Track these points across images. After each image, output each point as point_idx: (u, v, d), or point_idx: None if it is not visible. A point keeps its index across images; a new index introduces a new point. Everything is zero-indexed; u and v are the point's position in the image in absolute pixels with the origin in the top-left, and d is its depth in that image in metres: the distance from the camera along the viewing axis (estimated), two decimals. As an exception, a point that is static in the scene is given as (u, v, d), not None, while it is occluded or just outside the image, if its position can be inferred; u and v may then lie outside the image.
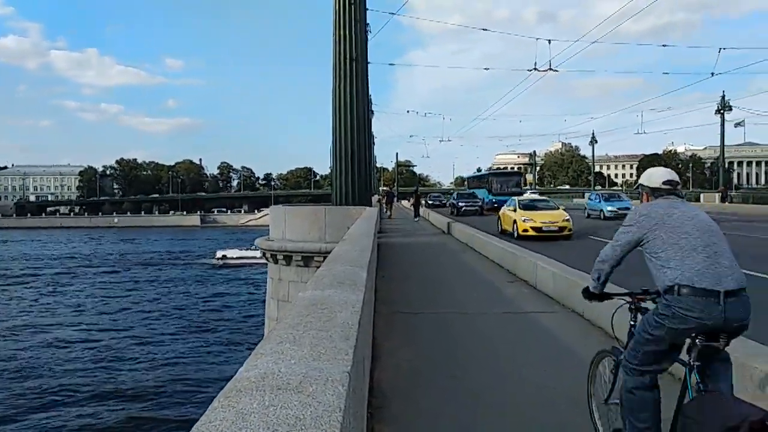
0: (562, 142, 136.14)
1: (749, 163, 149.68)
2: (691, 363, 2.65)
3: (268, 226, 17.02)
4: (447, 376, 4.69)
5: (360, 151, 18.39)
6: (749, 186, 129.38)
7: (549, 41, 23.57)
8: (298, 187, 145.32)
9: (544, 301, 7.78)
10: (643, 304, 3.08)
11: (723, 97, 43.41)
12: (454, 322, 6.75)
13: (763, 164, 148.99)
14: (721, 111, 43.50)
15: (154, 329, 27.20)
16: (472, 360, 5.19)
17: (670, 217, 2.76)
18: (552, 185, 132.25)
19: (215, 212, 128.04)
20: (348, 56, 17.87)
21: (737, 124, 52.30)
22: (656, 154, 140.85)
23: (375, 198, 37.71)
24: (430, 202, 51.35)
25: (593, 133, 68.83)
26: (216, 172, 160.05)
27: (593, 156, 77.66)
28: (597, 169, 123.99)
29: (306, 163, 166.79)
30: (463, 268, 11.61)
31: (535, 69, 23.97)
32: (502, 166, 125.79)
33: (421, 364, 5.05)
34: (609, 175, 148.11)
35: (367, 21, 19.10)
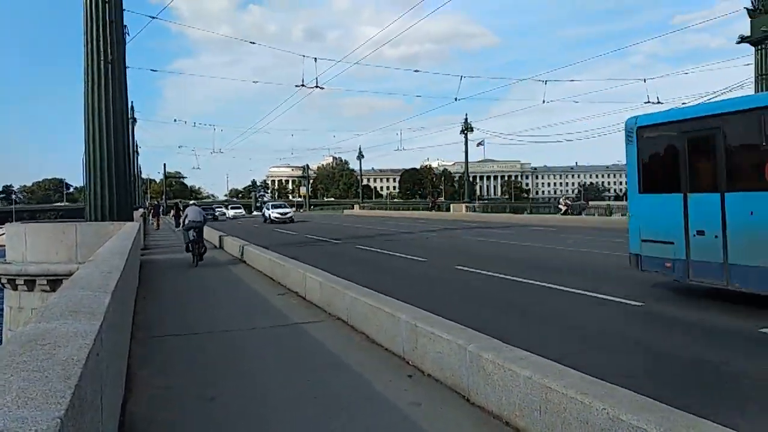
0: (333, 156, 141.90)
1: (489, 177, 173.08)
2: None
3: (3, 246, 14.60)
4: (206, 399, 4.46)
5: (119, 161, 16.84)
6: (488, 197, 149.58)
7: (315, 59, 24.40)
8: (48, 201, 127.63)
9: (312, 311, 7.91)
10: None
11: (466, 119, 49.74)
12: (218, 342, 6.49)
13: (499, 178, 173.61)
14: (465, 131, 49.79)
15: None
16: (234, 379, 5.02)
17: None
18: (325, 197, 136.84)
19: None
20: (102, 58, 16.29)
21: (479, 144, 60.25)
22: (415, 169, 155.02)
23: (139, 212, 34.90)
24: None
25: (360, 149, 73.63)
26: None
27: (360, 170, 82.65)
28: (365, 182, 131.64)
29: (59, 174, 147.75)
30: (232, 284, 11.28)
31: (302, 85, 24.56)
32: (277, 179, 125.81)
33: (178, 391, 4.73)
34: (375, 188, 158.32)
35: (125, 23, 17.67)
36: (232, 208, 65.26)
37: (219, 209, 58.22)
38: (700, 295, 8.83)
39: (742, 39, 25.31)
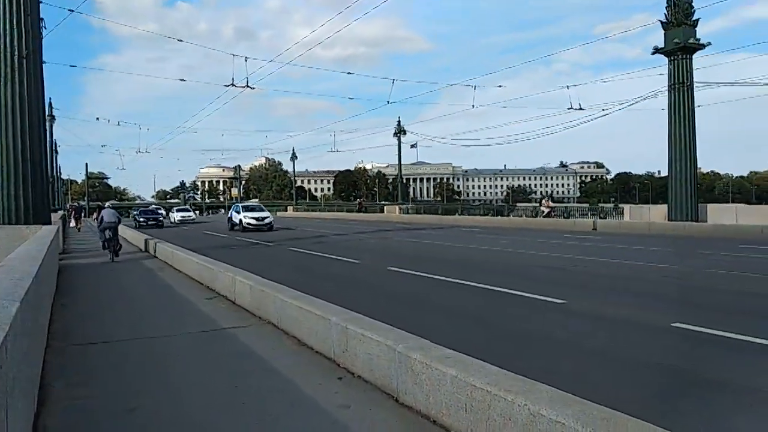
0: (266, 157, 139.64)
1: (422, 179, 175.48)
2: None
3: None
4: (126, 410, 4.26)
5: (34, 161, 15.91)
6: (422, 199, 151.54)
7: (246, 58, 23.93)
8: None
9: (242, 315, 7.73)
10: None
11: (399, 122, 50.27)
12: (141, 349, 6.23)
13: (432, 180, 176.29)
14: (398, 134, 50.25)
15: None
16: (157, 388, 4.82)
17: None
18: (258, 199, 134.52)
19: None
20: (16, 53, 15.35)
21: (412, 146, 60.98)
22: (349, 170, 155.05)
23: (59, 214, 33.05)
24: (141, 220, 40.74)
25: (293, 150, 72.63)
26: None
27: (294, 171, 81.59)
28: (299, 183, 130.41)
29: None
30: (158, 289, 10.87)
31: (233, 84, 24.02)
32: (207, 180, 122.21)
33: (96, 402, 4.50)
34: (310, 189, 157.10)
35: (42, 16, 16.72)
36: (178, 210, 51.21)
37: (160, 211, 47.90)
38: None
39: (657, 50, 26.92)
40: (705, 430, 4.06)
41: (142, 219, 40.54)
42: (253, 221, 30.10)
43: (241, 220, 30.75)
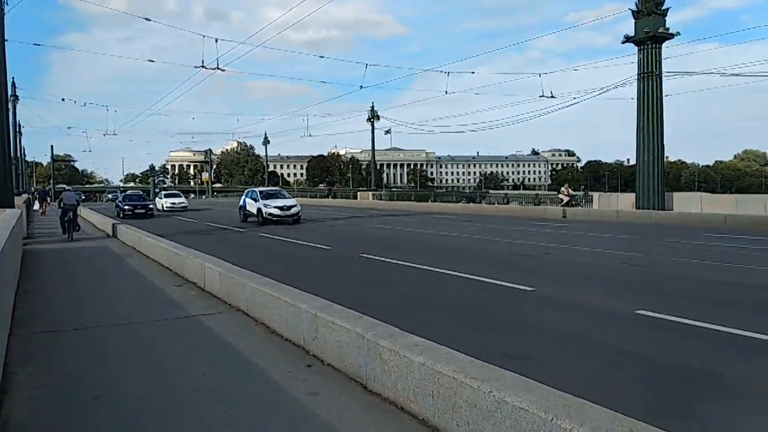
0: (238, 141, 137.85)
1: (395, 166, 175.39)
2: None
3: None
4: (89, 398, 4.21)
5: (-4, 143, 15.45)
6: (395, 185, 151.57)
7: (216, 40, 23.52)
8: None
9: (211, 302, 7.67)
10: None
11: (372, 107, 50.10)
12: (108, 336, 6.14)
13: (405, 166, 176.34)
14: (371, 120, 50.10)
15: None
16: (123, 376, 4.77)
17: None
18: (229, 183, 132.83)
19: None
20: (-25, 29, 14.81)
21: (386, 132, 60.91)
22: (322, 156, 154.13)
23: (23, 197, 32.19)
24: (126, 207, 32.13)
25: (266, 134, 71.71)
26: None
27: (266, 156, 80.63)
28: (271, 168, 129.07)
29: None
30: (125, 275, 10.70)
31: (203, 66, 23.60)
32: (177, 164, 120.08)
33: (60, 390, 4.43)
34: (282, 174, 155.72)
35: (3, -8, 16.14)
36: (166, 195, 41.36)
37: (147, 198, 38.34)
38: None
39: (627, 39, 27.26)
40: (668, 412, 4.20)
41: (127, 207, 32.10)
42: (277, 211, 23.42)
43: (260, 209, 23.97)
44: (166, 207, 37.76)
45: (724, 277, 10.43)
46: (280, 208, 24.36)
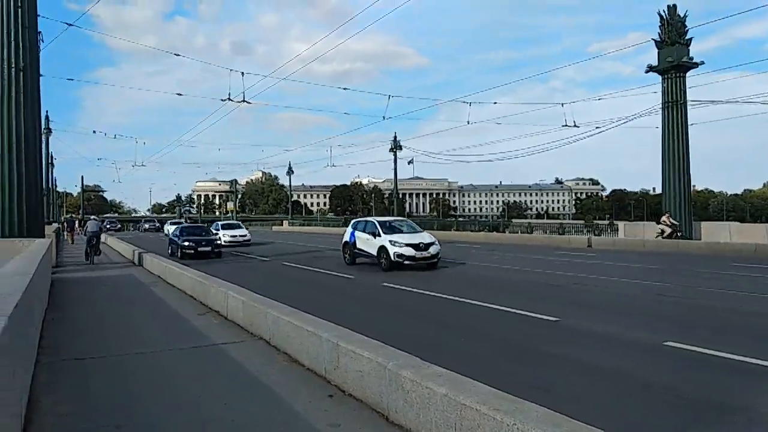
0: (263, 171, 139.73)
1: (418, 195, 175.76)
2: None
3: None
4: (113, 427, 4.22)
5: (30, 174, 15.90)
6: (418, 214, 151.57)
7: (242, 73, 24.06)
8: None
9: (234, 331, 7.69)
10: None
11: (395, 138, 50.45)
12: (132, 364, 6.19)
13: (428, 195, 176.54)
14: (394, 150, 50.44)
15: None
16: (147, 404, 4.79)
17: None
18: (254, 212, 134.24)
19: None
20: (13, 65, 15.40)
21: (409, 162, 60.93)
22: (345, 185, 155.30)
23: (53, 227, 32.89)
24: (185, 244, 23.78)
25: (290, 164, 73.05)
26: None
27: (290, 185, 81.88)
28: (294, 197, 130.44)
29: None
30: (151, 303, 10.82)
31: (229, 99, 24.11)
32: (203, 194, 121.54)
33: (84, 418, 4.45)
34: (306, 204, 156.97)
35: (40, 29, 16.81)
36: (224, 226, 34.73)
37: (210, 230, 29.97)
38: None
39: (651, 68, 27.22)
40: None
41: (187, 243, 23.97)
42: (411, 251, 17.23)
43: (384, 249, 17.58)
44: (225, 241, 31.00)
45: (756, 307, 10.13)
46: (416, 246, 17.27)
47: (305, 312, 6.55)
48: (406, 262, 16.93)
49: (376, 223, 18.80)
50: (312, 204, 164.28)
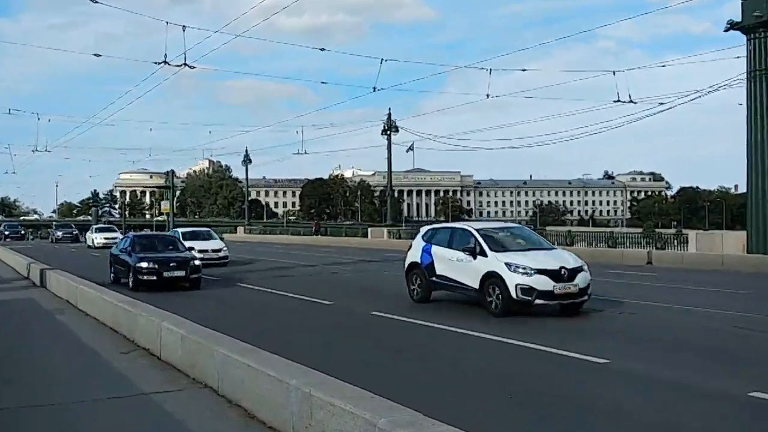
0: (210, 160, 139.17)
1: (420, 193, 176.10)
2: None
3: None
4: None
5: None
6: (420, 218, 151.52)
7: (183, 27, 23.88)
8: None
9: (169, 375, 7.68)
10: None
11: (389, 116, 50.08)
12: (26, 422, 6.17)
13: (433, 193, 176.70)
14: (388, 132, 49.98)
15: None
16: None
17: None
18: (197, 215, 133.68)
19: None
20: None
21: (408, 149, 60.78)
22: (321, 179, 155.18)
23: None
24: (144, 265, 18.83)
25: (246, 151, 71.09)
26: None
27: (247, 179, 79.80)
28: (253, 195, 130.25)
29: None
30: (56, 337, 10.80)
31: (165, 62, 24.00)
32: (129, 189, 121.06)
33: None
34: (268, 204, 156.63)
35: None
36: (187, 236, 27.60)
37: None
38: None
39: (732, 25, 27.29)
40: None
41: (145, 265, 18.96)
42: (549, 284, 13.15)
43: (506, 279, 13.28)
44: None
45: None
46: (555, 275, 13.12)
47: (266, 351, 6.54)
48: (537, 302, 13.11)
49: (474, 233, 14.70)
50: (277, 204, 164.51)
